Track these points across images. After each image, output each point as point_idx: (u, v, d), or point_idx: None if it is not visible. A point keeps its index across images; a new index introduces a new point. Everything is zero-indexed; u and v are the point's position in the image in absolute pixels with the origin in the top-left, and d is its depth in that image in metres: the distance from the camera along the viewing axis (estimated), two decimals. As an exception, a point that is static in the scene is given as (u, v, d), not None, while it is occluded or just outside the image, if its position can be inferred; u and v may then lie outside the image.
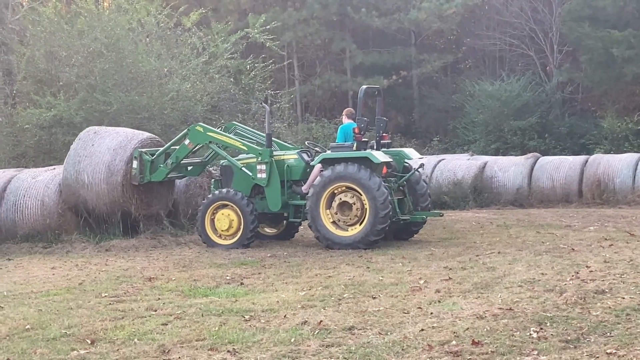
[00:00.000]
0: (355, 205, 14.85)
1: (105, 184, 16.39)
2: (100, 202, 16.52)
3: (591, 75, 36.68)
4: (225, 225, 15.73)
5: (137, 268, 13.27)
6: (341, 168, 14.88)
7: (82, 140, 17.07)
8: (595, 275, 10.97)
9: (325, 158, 15.37)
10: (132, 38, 23.62)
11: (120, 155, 16.55)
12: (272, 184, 15.81)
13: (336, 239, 14.97)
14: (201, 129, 16.64)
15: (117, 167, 16.45)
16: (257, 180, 15.92)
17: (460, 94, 40.21)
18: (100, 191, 16.43)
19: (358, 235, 14.83)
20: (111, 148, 16.66)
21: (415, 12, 40.54)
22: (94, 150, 16.72)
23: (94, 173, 16.49)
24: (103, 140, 16.90)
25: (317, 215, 15.00)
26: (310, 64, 45.16)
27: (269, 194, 15.90)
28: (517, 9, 42.17)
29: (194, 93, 23.58)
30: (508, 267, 11.98)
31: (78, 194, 16.57)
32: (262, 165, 15.82)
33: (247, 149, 16.33)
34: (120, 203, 16.47)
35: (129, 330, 8.58)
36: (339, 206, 14.97)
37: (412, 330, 8.09)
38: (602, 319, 8.32)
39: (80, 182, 16.50)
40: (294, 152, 16.32)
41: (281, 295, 10.34)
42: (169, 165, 16.55)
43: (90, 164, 16.56)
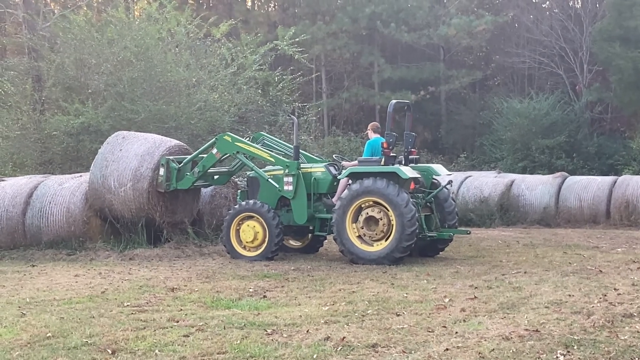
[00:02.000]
0: (382, 221, 14.70)
1: (132, 190, 16.33)
2: (125, 207, 16.47)
3: (621, 95, 36.41)
4: (250, 236, 15.67)
5: (160, 278, 13.22)
6: (369, 182, 14.74)
7: (110, 145, 17.02)
8: (624, 298, 10.80)
9: (352, 172, 15.24)
10: (162, 47, 23.73)
11: (148, 161, 16.48)
12: (299, 197, 15.73)
13: (361, 253, 14.82)
14: (229, 138, 16.54)
15: (143, 174, 16.39)
16: (283, 192, 15.84)
17: (488, 111, 40.07)
18: (126, 197, 16.37)
19: (383, 251, 14.68)
20: (139, 154, 16.60)
21: (444, 28, 40.50)
22: (121, 155, 16.66)
23: (120, 178, 16.43)
24: (131, 146, 16.83)
25: (342, 229, 14.89)
26: (338, 78, 45.18)
27: (295, 206, 15.82)
28: (547, 27, 42.02)
29: (222, 104, 23.63)
30: (534, 287, 11.82)
31: (104, 199, 16.53)
32: (289, 178, 15.73)
33: (274, 160, 16.21)
34: (146, 210, 16.40)
35: (150, 341, 8.51)
36: (365, 221, 14.84)
37: (437, 350, 7.97)
38: (631, 343, 8.15)
39: (106, 187, 16.46)
40: (321, 165, 16.22)
41: (304, 310, 10.23)
42: (195, 174, 16.48)
43: (117, 169, 16.50)
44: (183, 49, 24.73)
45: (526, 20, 44.23)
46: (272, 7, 48.12)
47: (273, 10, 47.42)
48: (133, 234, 16.86)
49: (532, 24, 43.53)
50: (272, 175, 16.07)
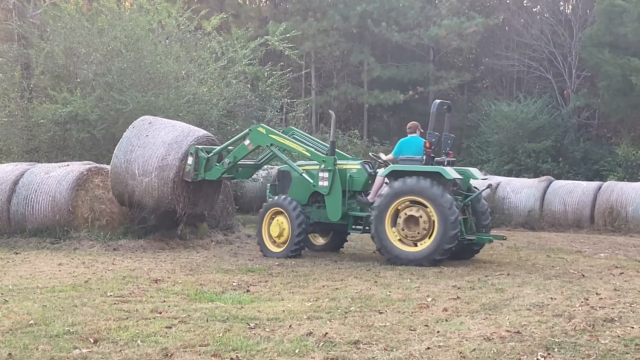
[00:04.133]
0: (422, 219, 14.36)
1: (157, 179, 15.84)
2: (147, 195, 16.00)
3: (608, 101, 36.59)
4: (276, 232, 15.49)
5: (143, 269, 13.22)
6: (413, 181, 14.41)
7: (136, 129, 16.50)
8: (605, 302, 10.86)
9: (393, 170, 14.92)
10: (152, 39, 23.66)
11: (175, 150, 16.02)
12: (334, 193, 15.39)
13: (401, 254, 14.46)
14: (263, 130, 16.13)
15: (170, 162, 15.90)
16: (318, 188, 15.51)
17: (476, 113, 40.20)
18: (149, 184, 15.89)
19: (423, 252, 14.33)
20: (166, 141, 16.12)
21: (435, 28, 40.58)
22: (147, 141, 16.17)
23: (145, 165, 15.97)
24: (158, 132, 16.32)
25: (381, 228, 14.53)
26: (327, 75, 45.21)
27: (329, 203, 15.49)
28: (537, 32, 42.15)
29: (211, 97, 23.59)
30: (517, 289, 11.88)
31: (125, 184, 16.12)
32: (325, 173, 15.39)
33: (310, 155, 15.84)
34: (169, 200, 15.89)
35: (132, 331, 8.50)
36: (405, 221, 14.48)
37: (418, 348, 7.99)
38: (611, 347, 8.20)
39: (130, 172, 16.03)
40: (357, 163, 15.88)
41: (287, 305, 10.25)
42: (225, 165, 16.08)
43: (143, 155, 16.06)
44: (173, 41, 24.67)
45: (516, 23, 44.37)
46: (264, 2, 48.07)
47: (264, 5, 47.38)
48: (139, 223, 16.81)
49: (522, 28, 43.67)
50: (306, 171, 15.74)
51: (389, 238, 14.50)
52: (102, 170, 17.33)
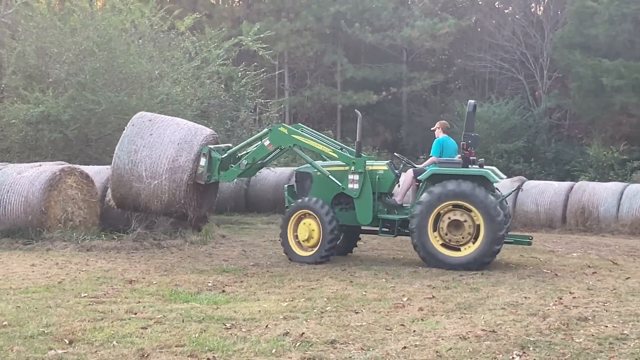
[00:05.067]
0: (467, 223, 14.08)
1: (168, 181, 15.02)
2: (155, 199, 15.21)
3: (580, 102, 36.90)
4: (305, 235, 14.74)
5: (118, 270, 13.15)
6: (457, 185, 14.06)
7: (137, 127, 15.55)
8: (579, 302, 10.94)
9: (435, 173, 14.43)
10: (125, 39, 23.57)
11: (187, 150, 15.20)
12: (364, 196, 14.80)
13: (447, 259, 14.08)
14: (285, 130, 15.43)
15: (183, 164, 15.08)
16: (347, 190, 14.87)
17: (448, 114, 40.29)
18: (159, 188, 15.10)
19: (471, 256, 14.04)
20: (174, 141, 15.28)
21: (408, 29, 40.74)
22: (153, 140, 15.30)
23: (154, 167, 15.11)
24: (163, 131, 15.44)
25: (424, 235, 14.13)
26: (301, 76, 45.24)
27: (359, 206, 14.84)
28: (509, 33, 42.44)
29: (184, 97, 23.52)
30: (491, 288, 11.94)
31: (130, 186, 15.25)
32: (355, 175, 14.82)
33: (338, 156, 15.19)
34: (181, 204, 15.17)
35: (108, 332, 8.46)
36: (448, 226, 14.16)
37: (395, 348, 8.02)
38: (585, 346, 8.27)
39: (135, 174, 15.13)
40: (384, 164, 15.30)
41: (263, 305, 10.24)
42: (243, 166, 15.38)
43: (150, 156, 15.16)
44: (146, 40, 24.58)
45: (489, 25, 44.63)
46: (237, 3, 48.01)
47: (237, 5, 47.32)
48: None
49: (494, 29, 43.94)
50: (331, 172, 15.12)
51: (432, 243, 14.16)
52: (75, 170, 17.20)
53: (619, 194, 23.53)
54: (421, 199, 14.22)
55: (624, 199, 23.28)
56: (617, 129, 37.26)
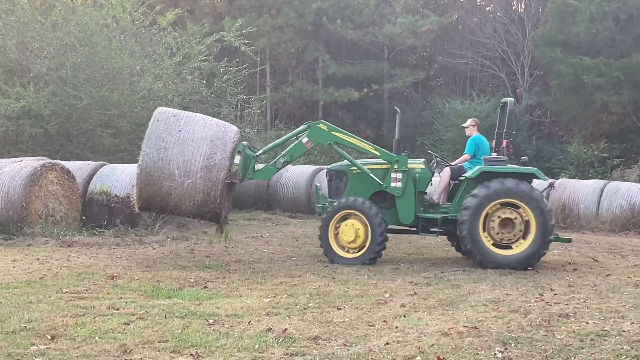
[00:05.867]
0: (517, 220, 13.99)
1: (203, 180, 14.10)
2: (188, 199, 14.17)
3: (560, 100, 37.08)
4: (350, 236, 14.22)
5: (99, 265, 13.11)
6: (511, 183, 13.96)
7: (162, 123, 14.46)
8: (560, 298, 11.01)
9: (484, 172, 14.25)
10: (106, 34, 23.49)
11: (221, 148, 14.26)
12: (407, 195, 14.53)
13: (503, 259, 13.90)
14: (325, 127, 14.83)
15: (219, 162, 14.19)
16: (390, 189, 14.56)
17: (430, 111, 40.50)
18: (193, 187, 14.11)
19: (521, 255, 13.94)
20: (206, 138, 14.34)
21: (390, 26, 40.79)
22: (182, 137, 14.33)
23: (187, 165, 14.14)
24: (192, 127, 14.60)
25: (476, 234, 13.93)
26: (282, 72, 45.21)
27: (401, 205, 14.56)
28: (490, 30, 42.56)
29: (166, 93, 23.48)
30: (473, 285, 11.98)
31: (160, 186, 14.14)
32: (398, 174, 14.55)
33: (380, 154, 14.82)
34: (217, 203, 14.25)
35: (90, 327, 8.44)
36: (499, 223, 14.01)
37: (377, 344, 8.03)
38: (567, 342, 8.31)
39: (166, 173, 14.08)
40: (421, 162, 15.07)
41: (245, 301, 10.24)
42: (279, 165, 14.83)
43: (182, 153, 14.18)
44: (128, 36, 24.51)
45: (470, 22, 44.75)
46: (218, -2, 47.92)
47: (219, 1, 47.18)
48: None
49: (475, 26, 44.06)
50: (371, 170, 14.81)
51: (483, 242, 14.01)
52: (56, 165, 17.13)
53: (599, 191, 23.66)
54: (467, 203, 14.01)
55: (604, 196, 23.42)
56: (598, 126, 37.46)
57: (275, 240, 17.91)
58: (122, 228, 17.01)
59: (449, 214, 14.61)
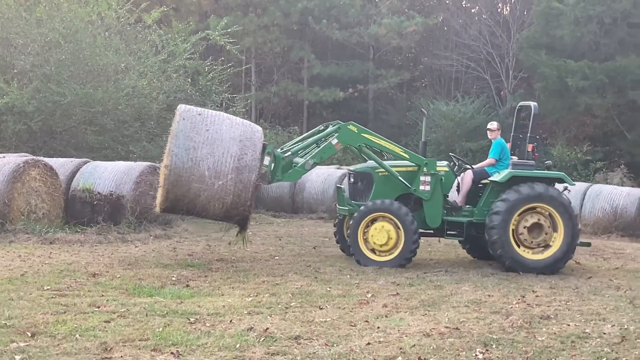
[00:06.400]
0: (545, 224, 14.06)
1: (234, 182, 13.59)
2: (217, 201, 13.62)
3: (544, 102, 37.15)
4: (382, 239, 14.01)
5: (81, 263, 13.06)
6: (542, 188, 14.06)
7: (189, 122, 13.85)
8: (541, 300, 11.05)
9: (514, 176, 14.32)
10: (91, 31, 23.40)
11: (251, 148, 13.81)
12: (435, 198, 14.46)
13: (533, 263, 13.95)
14: (354, 128, 14.57)
15: (249, 163, 13.69)
16: (419, 192, 14.42)
17: (414, 112, 40.49)
18: (223, 188, 13.58)
19: (550, 260, 13.98)
20: (235, 138, 13.83)
21: (375, 27, 40.81)
22: (211, 137, 13.78)
23: (217, 165, 13.62)
24: (219, 127, 13.96)
25: (506, 239, 13.95)
26: (268, 71, 45.15)
27: (429, 208, 14.46)
28: (475, 32, 42.66)
29: (150, 90, 23.40)
30: (455, 286, 12.02)
31: (189, 187, 13.53)
32: (427, 177, 14.43)
33: (409, 156, 14.67)
34: (246, 205, 13.78)
35: (70, 325, 8.41)
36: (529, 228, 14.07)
37: (359, 344, 8.04)
38: (548, 344, 8.35)
39: (196, 174, 13.51)
40: (445, 164, 14.99)
41: (227, 300, 10.23)
42: (308, 167, 14.41)
43: (212, 153, 13.64)
44: (113, 33, 24.42)
45: (455, 24, 44.82)
46: (204, -3, 47.77)
47: (205, -1, 47.07)
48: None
49: (461, 28, 44.15)
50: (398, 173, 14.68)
51: (514, 247, 14.02)
52: (39, 162, 17.05)
53: (582, 194, 23.77)
54: (498, 207, 14.03)
55: (587, 199, 23.53)
56: (581, 129, 37.59)
57: (259, 239, 17.89)
58: (104, 226, 16.97)
59: (473, 218, 14.60)
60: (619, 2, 34.70)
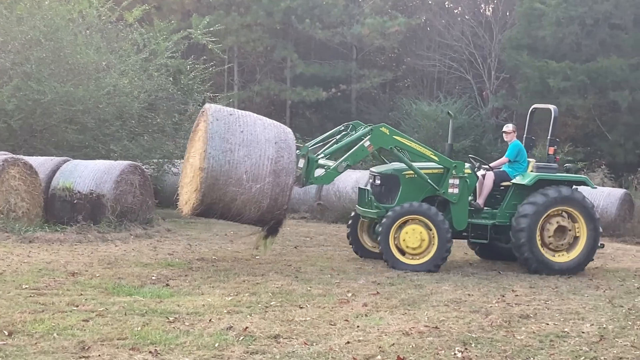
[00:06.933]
0: (570, 227, 14.34)
1: (271, 185, 13.23)
2: (254, 205, 13.28)
3: (526, 103, 37.17)
4: (415, 242, 13.92)
5: (60, 262, 12.99)
6: (568, 191, 14.37)
7: (223, 123, 13.39)
8: (521, 299, 11.10)
9: (541, 179, 14.53)
10: (72, 29, 23.24)
11: (287, 151, 13.46)
12: (462, 201, 14.49)
13: (557, 265, 14.27)
14: (387, 131, 14.52)
15: (286, 165, 13.37)
16: (447, 195, 14.39)
17: (397, 112, 40.50)
18: (260, 192, 13.22)
19: (574, 262, 14.34)
20: (270, 140, 13.47)
21: (358, 27, 40.76)
22: (246, 138, 13.36)
23: (255, 168, 13.21)
24: (253, 128, 13.58)
25: (534, 242, 14.19)
26: (250, 70, 45.04)
27: (456, 211, 14.44)
28: (458, 33, 42.69)
29: (132, 89, 23.26)
30: (435, 285, 12.05)
31: (225, 191, 13.12)
32: (456, 180, 14.43)
33: (438, 159, 14.63)
34: (283, 209, 13.52)
35: (48, 324, 8.37)
36: (555, 231, 14.31)
37: (338, 343, 8.04)
38: (527, 343, 8.38)
39: (234, 177, 13.08)
40: (467, 167, 14.91)
41: (207, 299, 10.20)
42: (341, 168, 14.23)
43: (249, 155, 13.22)
44: (94, 31, 24.26)
45: (438, 24, 44.83)
46: (187, -5, 47.64)
47: (187, -2, 46.94)
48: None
49: (443, 29, 44.16)
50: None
51: (540, 249, 14.21)
52: (18, 161, 16.95)
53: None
54: (525, 210, 14.14)
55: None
56: (563, 130, 37.66)
57: (240, 238, 17.86)
58: (84, 225, 16.88)
59: (496, 220, 14.69)
60: (600, 4, 34.82)
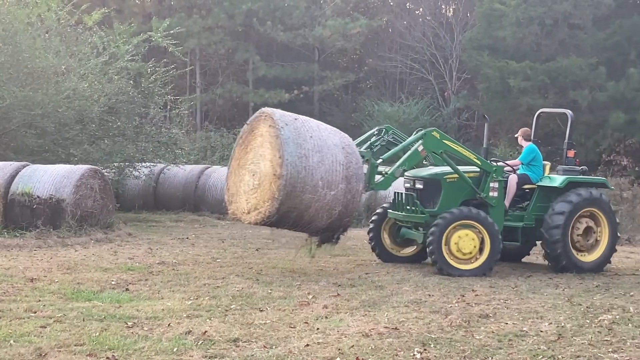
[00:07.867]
0: (593, 229, 14.79)
1: (344, 192, 12.83)
2: (326, 213, 12.85)
3: (487, 103, 37.54)
4: (469, 247, 13.79)
5: (19, 268, 12.86)
6: (597, 193, 14.81)
7: (293, 128, 12.83)
8: (481, 299, 11.16)
9: (571, 182, 14.77)
10: (31, 32, 23.02)
11: (355, 156, 13.12)
12: (500, 204, 14.50)
13: (582, 264, 14.63)
14: (438, 135, 14.42)
15: (356, 172, 13.03)
16: (488, 199, 14.33)
17: (359, 113, 40.61)
18: (334, 199, 12.80)
19: (602, 257, 14.84)
20: (338, 145, 13.06)
21: (320, 29, 40.84)
22: (317, 144, 12.86)
23: (329, 175, 12.75)
24: (319, 132, 13.11)
25: (566, 238, 14.45)
26: (212, 73, 44.94)
27: (494, 214, 14.33)
28: (419, 34, 42.91)
29: (91, 93, 23.09)
30: (396, 286, 12.08)
31: (300, 199, 12.59)
32: (496, 183, 14.41)
33: (481, 163, 14.52)
34: (351, 217, 13.27)
35: (5, 331, 8.28)
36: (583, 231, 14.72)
37: (297, 345, 8.04)
38: (485, 343, 8.43)
39: (310, 184, 12.57)
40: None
41: (167, 304, 10.15)
42: (397, 174, 14.07)
43: (323, 162, 12.74)
44: (53, 35, 24.05)
45: (399, 25, 45.02)
46: (148, -2, 47.48)
47: (149, 1, 46.73)
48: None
49: (405, 30, 44.35)
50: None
51: (571, 247, 14.56)
52: (-24, 166, 16.79)
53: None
54: (561, 208, 14.45)
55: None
56: (524, 130, 38.00)
57: (202, 241, 17.81)
58: (44, 230, 16.72)
59: (524, 222, 14.92)
60: (559, 4, 35.15)
